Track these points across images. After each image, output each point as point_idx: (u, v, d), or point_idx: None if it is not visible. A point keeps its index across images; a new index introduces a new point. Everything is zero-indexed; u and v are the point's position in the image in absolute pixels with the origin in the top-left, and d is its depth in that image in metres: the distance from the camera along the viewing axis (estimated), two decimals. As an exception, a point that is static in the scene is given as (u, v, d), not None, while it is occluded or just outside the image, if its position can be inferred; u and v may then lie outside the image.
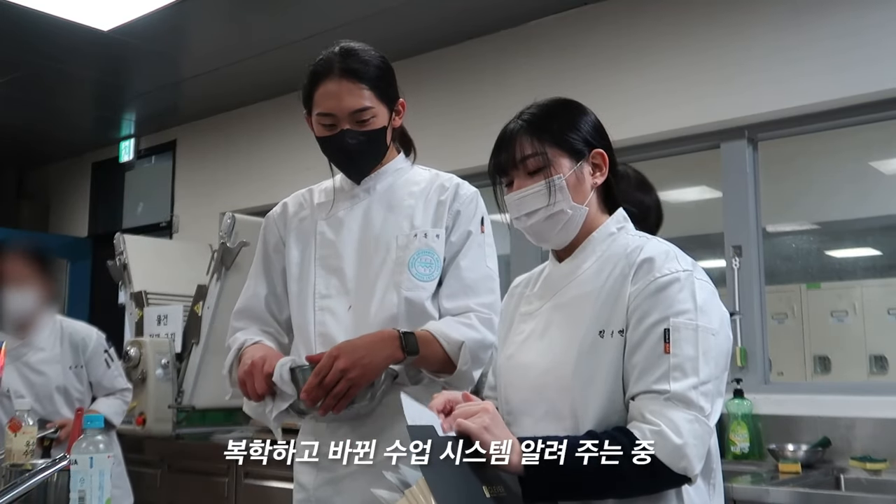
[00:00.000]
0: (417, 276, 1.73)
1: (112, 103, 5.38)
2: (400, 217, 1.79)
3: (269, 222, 1.94)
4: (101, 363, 3.11)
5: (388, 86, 1.79)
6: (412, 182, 1.85)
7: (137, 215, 6.03)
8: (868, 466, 2.69)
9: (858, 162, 3.62)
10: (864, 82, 2.98)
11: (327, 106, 1.73)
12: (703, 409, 1.22)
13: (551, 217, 1.40)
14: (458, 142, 4.08)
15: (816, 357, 3.84)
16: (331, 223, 1.83)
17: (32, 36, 4.14)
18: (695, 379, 1.23)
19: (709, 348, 1.25)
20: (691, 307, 1.26)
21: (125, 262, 4.27)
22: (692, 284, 1.29)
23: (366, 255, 1.78)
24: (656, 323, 1.26)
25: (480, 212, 1.85)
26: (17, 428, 2.04)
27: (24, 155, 6.59)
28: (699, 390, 1.22)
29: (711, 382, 1.25)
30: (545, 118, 1.46)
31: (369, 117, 1.73)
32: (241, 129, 5.22)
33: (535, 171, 1.41)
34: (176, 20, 3.95)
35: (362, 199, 1.83)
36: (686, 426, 1.20)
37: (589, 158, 1.42)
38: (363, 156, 1.78)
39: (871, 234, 3.86)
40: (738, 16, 3.30)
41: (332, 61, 1.73)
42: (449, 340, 1.66)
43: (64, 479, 1.62)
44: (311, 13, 3.86)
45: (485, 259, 1.80)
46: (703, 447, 1.22)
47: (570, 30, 3.78)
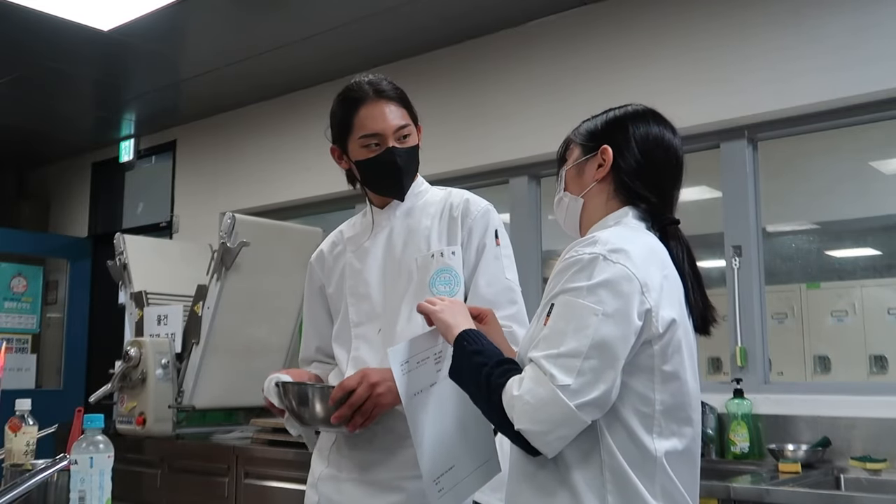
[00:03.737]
0: (439, 295, 1.77)
1: (112, 103, 5.38)
2: (419, 239, 1.85)
3: (311, 268, 2.03)
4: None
5: (412, 109, 1.90)
6: (429, 203, 1.91)
7: (137, 215, 6.02)
8: (868, 466, 2.69)
9: (858, 162, 3.62)
10: (864, 82, 2.98)
11: (373, 126, 1.81)
12: (554, 377, 1.25)
13: (557, 203, 1.58)
14: (459, 142, 4.08)
15: (816, 357, 3.84)
16: (357, 254, 1.91)
17: (32, 36, 4.14)
18: (553, 350, 1.27)
19: (584, 326, 1.27)
20: (580, 287, 1.30)
21: (125, 262, 4.26)
22: (593, 267, 1.31)
23: (390, 279, 1.85)
24: (549, 299, 1.35)
25: (494, 225, 1.87)
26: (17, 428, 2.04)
27: (25, 155, 6.59)
28: (556, 361, 1.26)
29: (579, 359, 1.25)
30: (587, 118, 1.59)
31: (409, 133, 1.85)
32: (241, 129, 5.22)
33: (559, 161, 1.60)
34: (176, 20, 3.95)
35: (385, 226, 1.90)
36: (527, 384, 1.26)
37: (599, 154, 1.50)
38: (409, 171, 1.87)
39: (871, 234, 3.86)
40: (738, 16, 3.30)
41: (365, 87, 1.84)
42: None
43: (64, 479, 1.62)
44: (310, 13, 3.86)
45: (503, 271, 1.84)
46: (541, 412, 1.24)
47: (570, 30, 3.78)
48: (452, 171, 3.99)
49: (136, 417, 3.71)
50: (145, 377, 3.72)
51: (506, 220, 4.04)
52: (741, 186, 3.28)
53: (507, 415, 1.27)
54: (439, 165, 3.91)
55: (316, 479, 1.85)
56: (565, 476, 1.30)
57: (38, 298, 6.38)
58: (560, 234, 1.55)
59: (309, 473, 1.91)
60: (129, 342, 3.86)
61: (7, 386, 3.84)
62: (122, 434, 3.76)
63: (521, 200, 3.96)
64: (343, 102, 1.85)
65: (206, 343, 3.76)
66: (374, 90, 1.82)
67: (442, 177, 3.76)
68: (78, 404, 3.93)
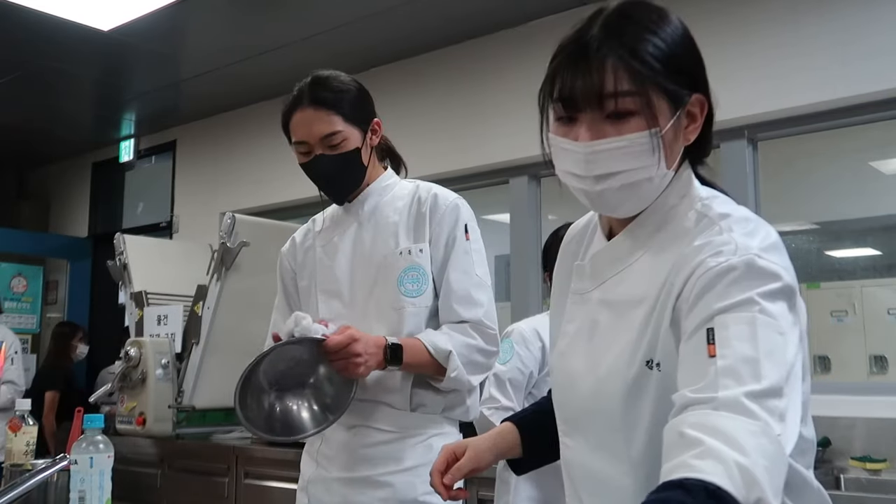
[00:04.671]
0: (406, 293, 1.79)
1: (112, 103, 5.38)
2: (386, 235, 1.84)
3: (281, 258, 2.02)
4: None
5: (360, 108, 1.86)
6: (397, 198, 1.89)
7: (137, 215, 6.03)
8: (868, 466, 2.69)
9: (858, 162, 3.62)
10: (864, 82, 2.98)
11: (300, 134, 1.83)
12: (768, 424, 0.84)
13: (632, 185, 1.04)
14: (458, 141, 4.08)
15: (816, 357, 3.83)
16: (327, 250, 1.91)
17: (32, 36, 4.14)
18: (756, 387, 0.86)
19: (774, 350, 0.90)
20: (745, 300, 0.93)
21: (125, 262, 4.26)
22: (752, 274, 0.95)
23: (359, 276, 1.85)
24: (702, 322, 0.94)
25: (463, 219, 1.84)
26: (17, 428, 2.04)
27: (25, 155, 6.59)
28: (763, 403, 0.85)
29: (781, 397, 0.87)
30: (647, 39, 1.03)
31: (340, 141, 1.81)
32: (241, 129, 5.22)
33: (624, 114, 1.01)
34: (176, 20, 3.95)
35: (352, 222, 1.90)
36: (750, 440, 0.81)
37: (687, 105, 1.06)
38: (339, 178, 1.85)
39: (871, 234, 3.86)
40: (738, 15, 3.30)
41: (303, 92, 1.83)
42: (437, 348, 1.73)
43: (64, 479, 1.62)
44: (310, 13, 3.86)
45: (473, 267, 1.82)
46: (778, 477, 0.82)
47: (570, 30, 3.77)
48: (452, 171, 3.99)
49: (136, 417, 3.71)
50: (145, 377, 3.72)
51: (506, 221, 4.04)
52: (741, 186, 3.28)
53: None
54: (439, 165, 3.90)
55: (306, 481, 1.86)
56: None
57: (38, 298, 6.38)
58: None
59: (299, 477, 1.91)
60: (129, 342, 3.86)
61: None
62: (122, 434, 3.76)
63: (521, 200, 3.96)
64: (284, 107, 1.87)
65: (206, 343, 3.76)
66: (309, 96, 1.81)
67: (442, 176, 3.75)
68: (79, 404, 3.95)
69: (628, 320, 1.06)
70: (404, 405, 1.77)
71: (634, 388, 1.02)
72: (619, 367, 1.05)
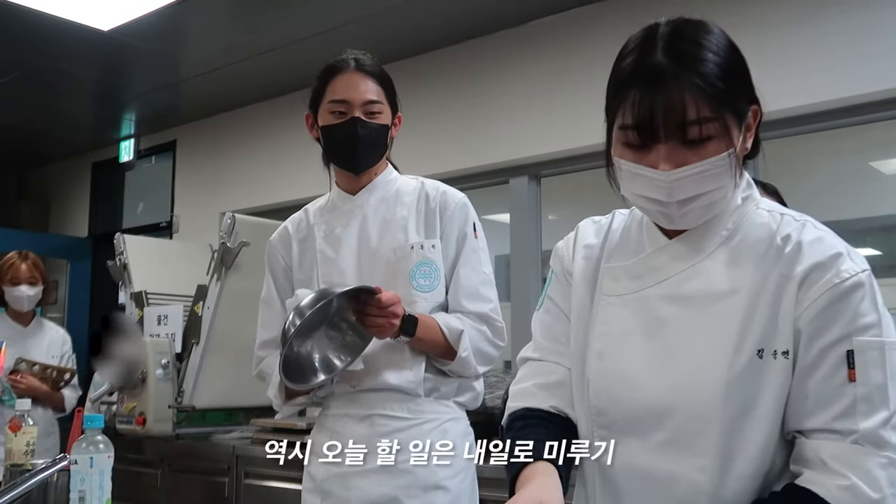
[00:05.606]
0: (419, 289, 1.79)
1: (112, 103, 5.38)
2: (395, 229, 1.84)
3: (272, 248, 1.98)
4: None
5: (393, 94, 1.92)
6: (403, 192, 1.90)
7: (137, 215, 6.03)
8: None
9: (858, 162, 3.62)
10: (865, 82, 2.98)
11: (342, 93, 1.82)
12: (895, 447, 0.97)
13: (712, 203, 1.07)
14: (459, 142, 4.08)
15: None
16: (329, 241, 1.88)
17: (32, 36, 4.14)
18: (885, 412, 0.97)
19: (894, 371, 0.99)
20: (875, 320, 1.01)
21: (125, 262, 4.26)
22: (873, 289, 1.03)
23: (366, 269, 1.84)
24: (836, 342, 1.00)
25: (472, 217, 1.89)
26: (17, 428, 2.04)
27: (25, 155, 6.59)
28: (891, 424, 0.97)
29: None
30: (714, 62, 1.05)
31: (378, 111, 1.84)
32: (242, 129, 5.22)
33: (703, 139, 1.03)
34: (176, 20, 3.95)
35: (357, 214, 1.88)
36: (882, 474, 0.95)
37: (751, 117, 1.09)
38: (368, 146, 1.84)
39: (871, 234, 3.86)
40: (737, 16, 3.30)
41: (349, 59, 1.86)
42: (450, 328, 1.76)
43: (64, 479, 1.62)
44: (311, 13, 3.86)
45: (481, 265, 1.86)
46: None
47: (570, 30, 3.78)
48: (452, 171, 3.99)
49: (136, 417, 3.71)
50: (145, 377, 3.71)
51: (506, 221, 4.05)
52: (741, 186, 3.28)
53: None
54: (439, 165, 3.90)
55: (319, 481, 1.81)
56: None
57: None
58: (560, 235, 1.34)
59: (305, 478, 1.87)
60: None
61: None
62: (122, 434, 3.76)
63: (521, 200, 3.96)
64: (323, 71, 1.87)
65: (206, 343, 3.76)
66: (355, 62, 1.85)
67: (442, 176, 3.72)
68: (78, 404, 3.94)
69: (716, 312, 1.07)
70: (417, 391, 1.78)
71: (742, 378, 1.03)
72: (716, 358, 1.05)
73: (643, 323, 1.12)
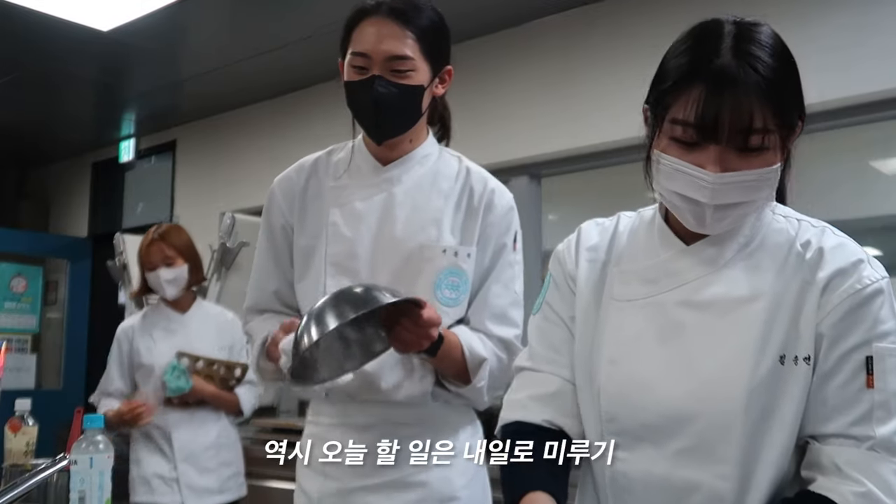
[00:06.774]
0: (443, 301, 1.53)
1: (112, 103, 5.38)
2: (426, 220, 1.56)
3: (272, 199, 1.70)
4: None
5: (438, 43, 1.59)
6: (442, 176, 1.62)
7: (137, 215, 6.02)
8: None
9: (858, 162, 3.62)
10: (864, 82, 2.98)
11: (363, 44, 1.51)
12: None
13: (748, 214, 1.08)
14: (458, 141, 4.06)
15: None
16: (345, 214, 1.58)
17: (32, 36, 4.13)
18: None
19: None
20: (894, 327, 1.02)
21: (125, 262, 4.26)
22: (891, 296, 1.04)
23: (384, 257, 1.56)
24: (855, 348, 1.01)
25: (515, 226, 1.63)
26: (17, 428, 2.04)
27: (25, 155, 6.59)
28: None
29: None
30: (783, 72, 1.05)
31: (407, 69, 1.51)
32: (241, 129, 5.22)
33: (756, 148, 1.02)
34: (176, 20, 3.94)
35: (383, 189, 1.58)
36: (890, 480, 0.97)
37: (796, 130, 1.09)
38: (391, 111, 1.52)
39: (871, 234, 3.85)
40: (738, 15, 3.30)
41: (381, 1, 1.52)
42: (472, 353, 1.52)
43: (64, 479, 1.62)
44: (310, 13, 3.85)
45: (514, 282, 1.61)
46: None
47: (570, 30, 3.77)
48: (452, 171, 3.99)
49: (136, 417, 3.70)
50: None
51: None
52: (741, 186, 3.27)
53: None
54: (439, 165, 3.90)
55: (315, 499, 1.60)
56: None
57: (37, 298, 6.38)
58: (561, 235, 1.31)
59: (297, 495, 1.65)
60: (129, 342, 3.84)
61: (7, 386, 3.83)
62: (121, 434, 3.76)
63: (521, 200, 3.91)
64: (353, 11, 1.56)
65: (206, 343, 3.75)
66: (388, 6, 1.51)
67: (442, 177, 3.75)
68: (78, 404, 3.93)
69: (737, 318, 1.06)
70: (424, 399, 1.56)
71: (764, 384, 1.03)
72: (738, 364, 1.04)
73: (658, 328, 1.10)
